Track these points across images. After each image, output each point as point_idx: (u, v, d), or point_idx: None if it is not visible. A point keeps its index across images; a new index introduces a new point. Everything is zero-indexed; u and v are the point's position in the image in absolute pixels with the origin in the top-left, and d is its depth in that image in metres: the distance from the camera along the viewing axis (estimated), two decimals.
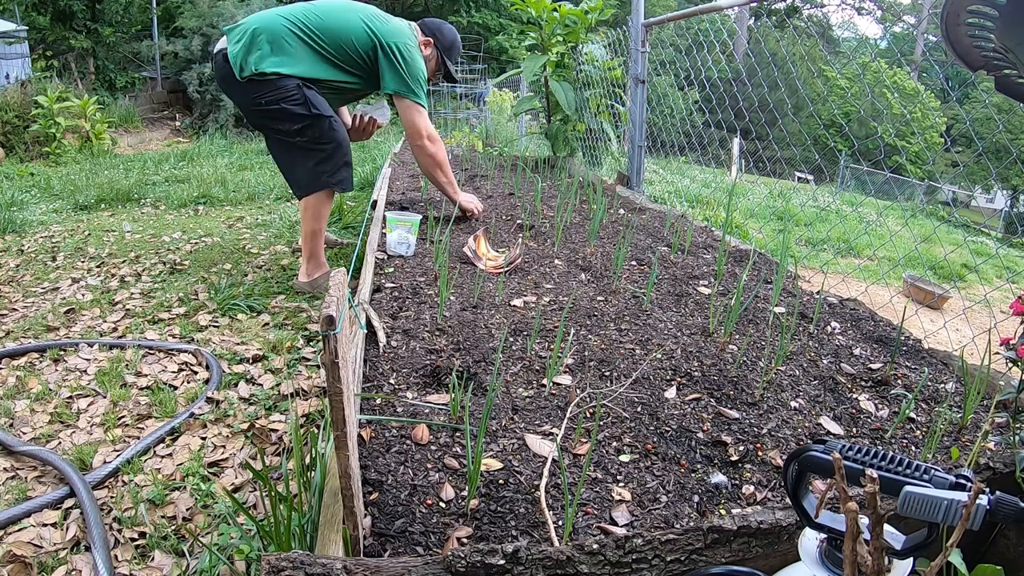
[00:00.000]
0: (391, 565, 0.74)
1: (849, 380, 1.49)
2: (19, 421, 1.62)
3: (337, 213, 3.68)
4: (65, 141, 6.43)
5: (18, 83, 7.16)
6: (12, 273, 2.81)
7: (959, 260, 6.28)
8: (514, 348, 1.57)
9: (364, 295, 1.80)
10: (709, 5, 2.96)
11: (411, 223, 2.26)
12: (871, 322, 1.84)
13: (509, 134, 6.99)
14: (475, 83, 10.01)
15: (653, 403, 1.34)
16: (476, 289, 1.91)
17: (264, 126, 2.36)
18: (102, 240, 3.33)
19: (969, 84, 9.64)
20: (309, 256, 2.48)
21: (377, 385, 1.38)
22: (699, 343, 1.62)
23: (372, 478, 1.07)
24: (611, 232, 2.65)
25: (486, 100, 8.39)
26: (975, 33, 0.73)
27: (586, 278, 2.08)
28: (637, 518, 1.01)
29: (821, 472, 0.63)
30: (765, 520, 0.82)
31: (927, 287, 4.80)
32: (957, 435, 1.28)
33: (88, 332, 2.18)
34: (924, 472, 0.58)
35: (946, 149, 19.32)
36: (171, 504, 1.31)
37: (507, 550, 0.74)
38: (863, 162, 13.70)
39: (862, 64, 20.15)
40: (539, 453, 1.17)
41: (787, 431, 1.27)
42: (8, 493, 1.33)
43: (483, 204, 2.87)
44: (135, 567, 1.14)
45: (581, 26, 4.21)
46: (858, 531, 0.56)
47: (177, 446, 1.51)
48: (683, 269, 2.20)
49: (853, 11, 32.19)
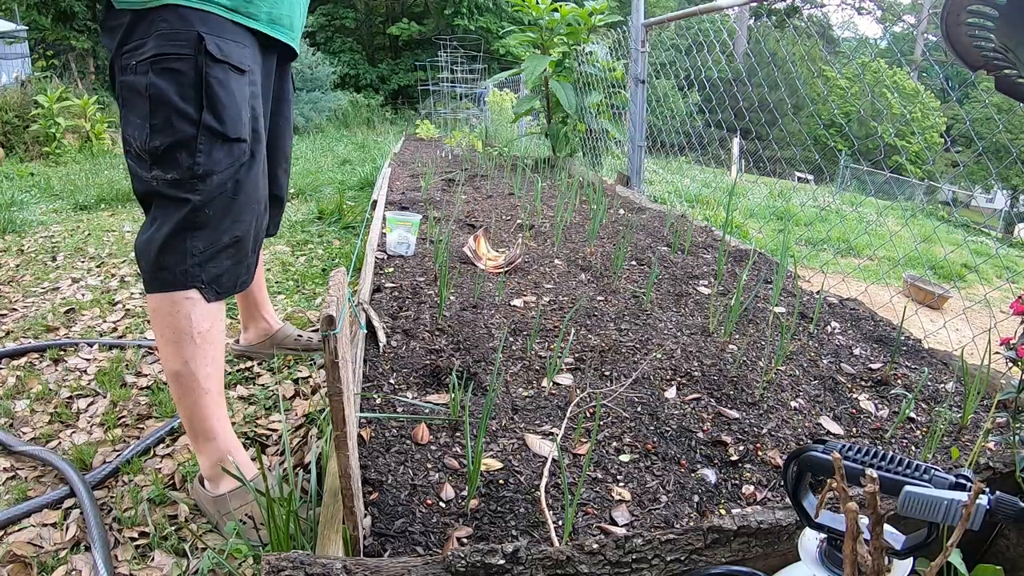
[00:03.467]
0: (391, 565, 0.74)
1: (849, 380, 1.49)
2: (19, 421, 1.62)
3: (337, 213, 3.67)
4: (65, 141, 6.43)
5: (18, 83, 7.16)
6: (12, 273, 2.81)
7: (959, 260, 6.28)
8: (514, 348, 1.57)
9: (364, 295, 1.80)
10: (709, 5, 2.96)
11: (411, 223, 2.26)
12: (871, 322, 1.84)
13: (509, 134, 6.99)
14: (475, 83, 10.01)
15: (653, 403, 1.34)
16: (476, 289, 1.91)
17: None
18: (102, 240, 3.33)
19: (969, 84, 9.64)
20: (191, 434, 1.22)
21: (377, 385, 1.38)
22: (699, 343, 1.62)
23: (372, 478, 1.07)
24: (611, 232, 2.65)
25: (486, 100, 8.39)
26: (975, 33, 0.73)
27: (586, 278, 2.08)
28: (637, 518, 1.01)
29: (821, 472, 0.63)
30: (765, 520, 0.82)
31: (927, 287, 4.80)
32: (957, 435, 1.28)
33: (88, 332, 2.17)
34: (924, 472, 0.58)
35: (946, 149, 19.33)
36: (171, 504, 1.31)
37: (507, 550, 0.74)
38: (863, 162, 13.70)
39: (862, 64, 20.15)
40: (539, 453, 1.17)
41: (787, 431, 1.27)
42: (8, 493, 1.33)
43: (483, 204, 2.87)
44: (135, 567, 1.14)
45: (584, 27, 4.21)
46: (858, 531, 0.56)
47: (177, 446, 1.51)
48: (683, 269, 2.20)
49: (853, 11, 32.20)
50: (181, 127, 1.06)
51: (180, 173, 1.08)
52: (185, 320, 1.13)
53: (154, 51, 1.04)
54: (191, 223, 1.11)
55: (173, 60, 1.04)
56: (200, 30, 1.05)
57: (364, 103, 12.94)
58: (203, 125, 1.07)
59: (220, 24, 1.09)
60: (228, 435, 1.23)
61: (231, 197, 1.14)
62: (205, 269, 1.14)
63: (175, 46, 1.04)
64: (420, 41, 15.55)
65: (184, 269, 1.12)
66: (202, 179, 1.09)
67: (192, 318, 1.14)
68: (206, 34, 1.06)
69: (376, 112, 12.93)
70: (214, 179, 1.10)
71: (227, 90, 1.09)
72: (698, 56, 3.46)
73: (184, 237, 1.11)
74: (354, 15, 15.88)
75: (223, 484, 1.21)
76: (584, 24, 4.19)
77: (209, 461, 1.21)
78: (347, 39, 15.69)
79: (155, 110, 1.05)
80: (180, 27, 1.05)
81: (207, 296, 1.15)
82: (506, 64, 13.30)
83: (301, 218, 3.75)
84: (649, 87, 3.71)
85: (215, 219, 1.13)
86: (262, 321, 1.84)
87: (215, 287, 1.16)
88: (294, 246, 3.20)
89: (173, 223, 1.10)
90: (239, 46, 1.12)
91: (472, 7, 15.00)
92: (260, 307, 1.81)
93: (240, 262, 1.20)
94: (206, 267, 1.14)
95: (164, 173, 1.08)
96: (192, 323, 1.14)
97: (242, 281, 1.23)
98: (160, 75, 1.04)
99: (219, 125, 1.08)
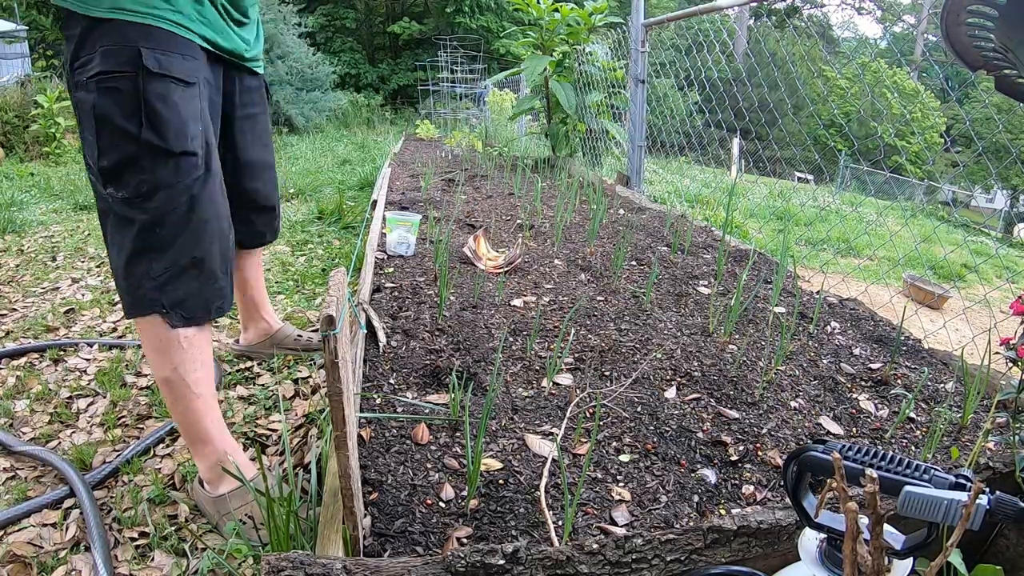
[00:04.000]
0: (391, 565, 0.74)
1: (849, 380, 1.49)
2: (19, 421, 1.62)
3: (337, 213, 3.67)
4: (65, 141, 6.43)
5: (18, 83, 7.16)
6: (12, 273, 2.81)
7: (959, 260, 6.28)
8: (514, 348, 1.57)
9: (364, 295, 1.80)
10: (709, 5, 2.96)
11: (411, 223, 2.26)
12: (871, 322, 1.84)
13: (509, 134, 6.99)
14: (475, 83, 10.02)
15: (653, 403, 1.34)
16: (476, 289, 1.91)
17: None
18: (102, 240, 3.33)
19: (969, 84, 9.64)
20: (188, 439, 1.23)
21: (377, 385, 1.38)
22: (699, 343, 1.62)
23: (372, 478, 1.07)
24: (611, 232, 2.65)
25: (486, 100, 8.39)
26: (975, 33, 0.73)
27: (586, 278, 2.08)
28: (637, 518, 1.01)
29: (821, 472, 0.63)
30: (765, 520, 0.82)
31: (927, 287, 4.80)
32: (957, 435, 1.28)
33: (88, 332, 2.17)
34: (924, 472, 0.58)
35: (946, 149, 19.33)
36: (171, 504, 1.31)
37: (507, 550, 0.74)
38: (863, 162, 13.71)
39: (862, 64, 20.15)
40: (539, 453, 1.17)
41: (787, 431, 1.27)
42: (8, 493, 1.33)
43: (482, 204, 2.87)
44: (135, 567, 1.14)
45: (584, 27, 4.21)
46: (858, 531, 0.56)
47: (177, 446, 1.51)
48: (683, 269, 2.20)
49: (853, 11, 32.22)
50: (125, 146, 1.04)
51: (128, 191, 1.06)
52: (169, 330, 1.12)
53: (98, 68, 1.03)
54: (146, 243, 1.08)
55: (114, 78, 1.03)
56: (141, 45, 1.04)
57: (364, 103, 12.94)
58: (143, 142, 1.05)
59: (166, 38, 1.07)
60: (224, 436, 1.22)
61: (185, 214, 1.10)
62: (164, 292, 1.10)
63: (116, 63, 1.03)
64: (420, 41, 15.55)
65: (143, 293, 1.09)
66: (147, 197, 1.06)
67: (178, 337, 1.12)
68: (144, 48, 1.04)
69: (376, 112, 12.93)
70: (160, 195, 1.07)
71: (168, 104, 1.06)
72: (698, 56, 3.46)
73: (141, 259, 1.09)
74: (354, 15, 15.88)
75: (222, 485, 1.20)
76: (584, 24, 4.20)
77: (207, 463, 1.20)
78: (347, 39, 15.69)
79: (100, 130, 1.04)
80: (122, 42, 1.03)
81: (171, 322, 1.11)
82: (506, 64, 13.30)
83: (301, 218, 3.75)
84: (649, 87, 3.71)
85: (170, 239, 1.09)
86: (262, 321, 1.84)
87: (180, 311, 1.12)
88: (294, 246, 3.20)
89: (130, 244, 1.08)
90: (180, 59, 1.09)
91: (474, 5, 14.98)
92: (260, 307, 1.81)
93: (207, 284, 1.15)
94: (165, 290, 1.10)
95: (116, 192, 1.07)
96: (178, 330, 1.12)
97: (216, 306, 1.18)
98: (103, 94, 1.03)
99: (160, 141, 1.05)
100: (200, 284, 1.14)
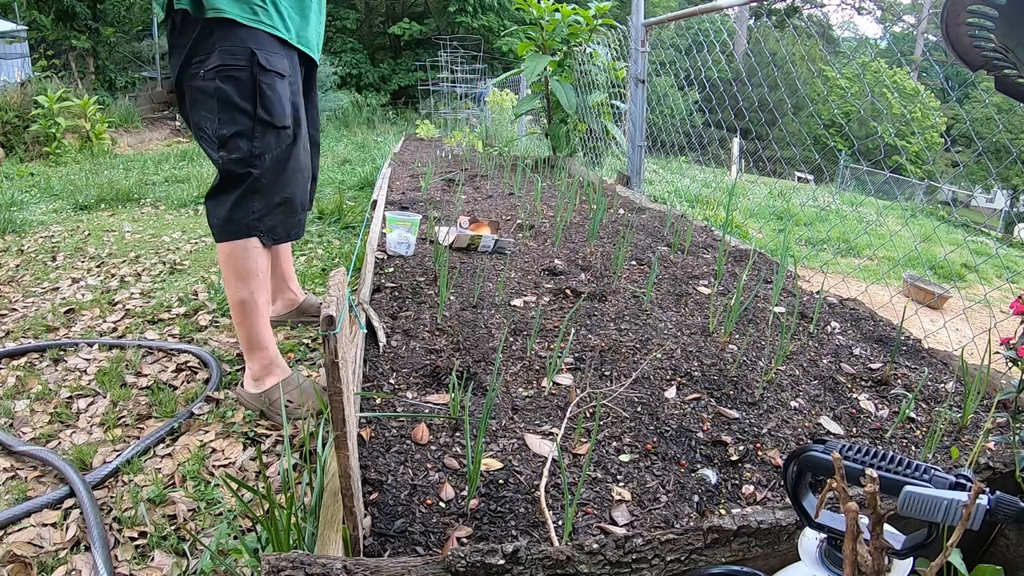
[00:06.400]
0: (391, 565, 0.74)
1: (849, 380, 1.49)
2: (19, 421, 1.62)
3: (337, 213, 3.67)
4: (65, 141, 6.43)
5: (18, 83, 7.16)
6: (12, 273, 2.81)
7: (959, 260, 6.28)
8: (514, 348, 1.57)
9: (364, 295, 1.80)
10: (709, 5, 2.96)
11: (411, 223, 2.26)
12: (871, 322, 1.84)
13: (509, 134, 6.99)
14: (475, 83, 10.02)
15: (653, 403, 1.34)
16: (476, 289, 1.91)
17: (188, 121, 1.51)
18: (102, 240, 3.33)
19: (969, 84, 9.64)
20: (248, 346, 1.56)
21: (377, 385, 1.38)
22: (699, 343, 1.62)
23: (372, 478, 1.07)
24: (611, 232, 2.65)
25: (486, 100, 8.39)
26: (975, 33, 0.73)
27: (586, 278, 2.08)
28: (637, 518, 1.01)
29: (821, 472, 0.63)
30: (765, 520, 0.82)
31: (927, 287, 4.79)
32: (957, 435, 1.28)
33: (88, 332, 2.17)
34: (924, 472, 0.58)
35: (946, 149, 19.32)
36: (171, 504, 1.31)
37: (507, 550, 0.74)
38: (863, 162, 13.70)
39: (862, 64, 20.15)
40: (539, 453, 1.17)
41: (787, 431, 1.27)
42: (8, 493, 1.33)
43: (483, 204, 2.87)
44: (135, 567, 1.14)
45: (585, 27, 4.21)
46: (858, 531, 0.56)
47: (177, 446, 1.51)
48: (683, 269, 2.20)
49: (853, 11, 32.21)
50: (242, 120, 1.38)
51: (242, 153, 1.40)
52: (252, 262, 1.49)
53: (218, 62, 1.35)
54: (251, 189, 1.44)
55: (233, 70, 1.35)
56: (252, 47, 1.36)
57: (365, 103, 12.94)
58: (257, 118, 1.39)
59: (266, 40, 1.40)
60: (274, 345, 1.59)
61: (281, 168, 1.47)
62: (263, 222, 1.48)
63: (234, 59, 1.35)
64: (421, 41, 15.54)
65: (248, 222, 1.47)
66: (259, 157, 1.42)
67: (258, 260, 1.50)
68: (256, 49, 1.37)
69: (377, 112, 12.93)
70: (267, 157, 1.43)
71: (274, 91, 1.41)
72: (698, 56, 3.46)
73: (246, 199, 1.45)
74: (355, 16, 15.87)
75: (267, 381, 1.56)
76: (585, 24, 4.20)
77: (260, 364, 1.56)
78: (348, 39, 15.68)
79: (221, 107, 1.37)
80: (237, 43, 1.36)
81: (265, 242, 1.50)
82: (507, 63, 13.30)
83: None
84: (649, 87, 3.71)
85: (268, 186, 1.46)
86: (289, 292, 2.05)
87: (271, 235, 1.51)
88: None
89: (238, 190, 1.44)
90: (280, 57, 1.43)
91: (476, 5, 14.97)
92: (288, 280, 2.02)
93: (290, 216, 1.54)
94: (264, 220, 1.48)
95: (229, 154, 1.40)
96: (257, 264, 1.50)
97: (294, 232, 1.57)
98: (225, 81, 1.35)
99: (269, 117, 1.40)
100: (285, 216, 1.52)
